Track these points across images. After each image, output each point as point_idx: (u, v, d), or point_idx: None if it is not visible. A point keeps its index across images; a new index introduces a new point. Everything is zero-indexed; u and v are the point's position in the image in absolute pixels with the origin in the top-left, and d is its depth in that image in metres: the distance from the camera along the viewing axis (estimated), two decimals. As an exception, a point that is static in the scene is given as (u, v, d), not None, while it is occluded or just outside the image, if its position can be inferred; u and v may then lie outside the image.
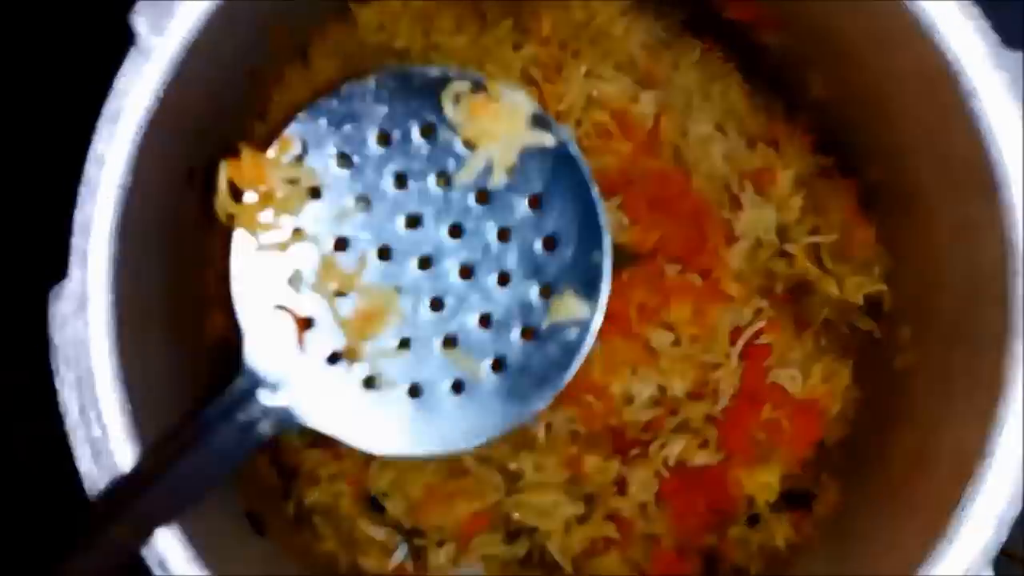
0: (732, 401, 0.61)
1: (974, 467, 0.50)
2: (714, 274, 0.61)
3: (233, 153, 0.51)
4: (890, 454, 0.60)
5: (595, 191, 0.45)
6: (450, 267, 0.46)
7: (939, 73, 0.52)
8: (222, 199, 0.48)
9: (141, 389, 0.51)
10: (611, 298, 0.60)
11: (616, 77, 0.62)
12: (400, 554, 0.63)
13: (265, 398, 0.48)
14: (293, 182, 0.47)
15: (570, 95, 0.61)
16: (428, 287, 0.46)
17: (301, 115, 0.48)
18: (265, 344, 0.49)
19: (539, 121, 0.45)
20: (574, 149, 0.47)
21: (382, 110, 0.47)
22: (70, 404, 0.50)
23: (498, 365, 0.47)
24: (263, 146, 0.49)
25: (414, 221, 0.46)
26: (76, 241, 0.50)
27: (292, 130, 0.48)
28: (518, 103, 0.44)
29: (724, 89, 0.66)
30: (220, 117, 0.59)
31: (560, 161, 0.46)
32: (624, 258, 0.61)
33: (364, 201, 0.47)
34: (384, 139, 0.47)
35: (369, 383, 0.47)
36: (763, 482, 0.62)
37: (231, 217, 0.48)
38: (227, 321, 0.65)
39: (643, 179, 0.61)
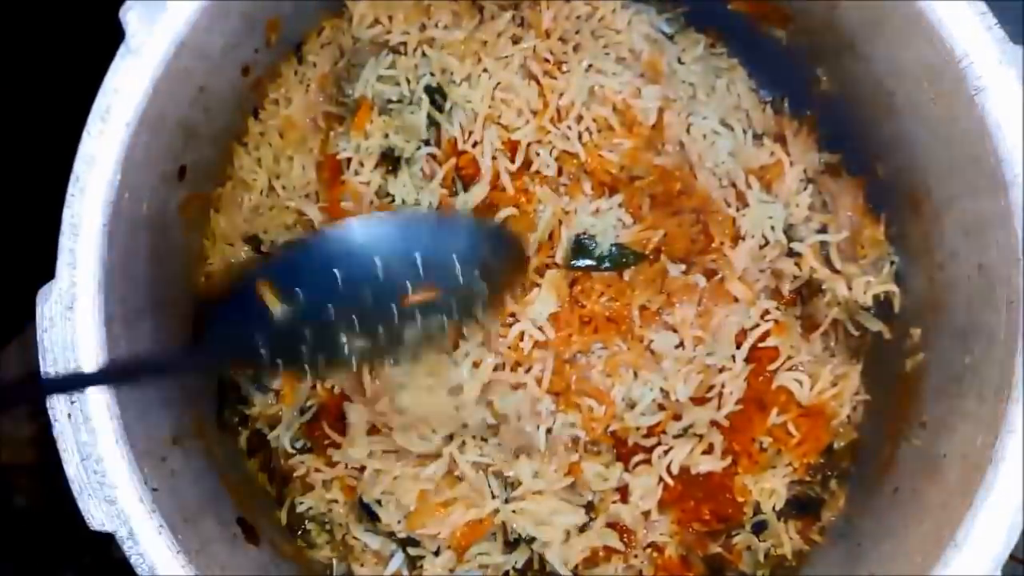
0: (737, 406, 0.60)
1: (984, 472, 0.49)
2: (719, 274, 0.60)
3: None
4: (898, 458, 0.59)
5: None
6: None
7: (947, 68, 0.51)
8: None
9: (130, 390, 0.50)
10: (613, 299, 0.60)
11: (618, 71, 0.61)
12: (395, 563, 0.62)
13: None
14: None
15: (571, 89, 0.60)
16: None
17: None
18: None
19: None
20: None
21: None
22: (58, 407, 0.49)
23: None
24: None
25: None
26: (64, 240, 0.49)
27: None
28: None
29: (729, 84, 0.65)
30: (212, 114, 0.58)
31: None
32: (626, 258, 0.60)
33: None
34: None
35: None
36: (770, 488, 0.61)
37: None
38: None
39: (646, 176, 0.60)
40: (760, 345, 0.60)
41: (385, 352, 0.52)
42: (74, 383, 0.48)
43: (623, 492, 0.60)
